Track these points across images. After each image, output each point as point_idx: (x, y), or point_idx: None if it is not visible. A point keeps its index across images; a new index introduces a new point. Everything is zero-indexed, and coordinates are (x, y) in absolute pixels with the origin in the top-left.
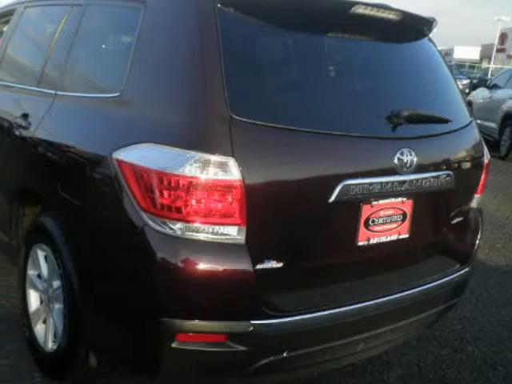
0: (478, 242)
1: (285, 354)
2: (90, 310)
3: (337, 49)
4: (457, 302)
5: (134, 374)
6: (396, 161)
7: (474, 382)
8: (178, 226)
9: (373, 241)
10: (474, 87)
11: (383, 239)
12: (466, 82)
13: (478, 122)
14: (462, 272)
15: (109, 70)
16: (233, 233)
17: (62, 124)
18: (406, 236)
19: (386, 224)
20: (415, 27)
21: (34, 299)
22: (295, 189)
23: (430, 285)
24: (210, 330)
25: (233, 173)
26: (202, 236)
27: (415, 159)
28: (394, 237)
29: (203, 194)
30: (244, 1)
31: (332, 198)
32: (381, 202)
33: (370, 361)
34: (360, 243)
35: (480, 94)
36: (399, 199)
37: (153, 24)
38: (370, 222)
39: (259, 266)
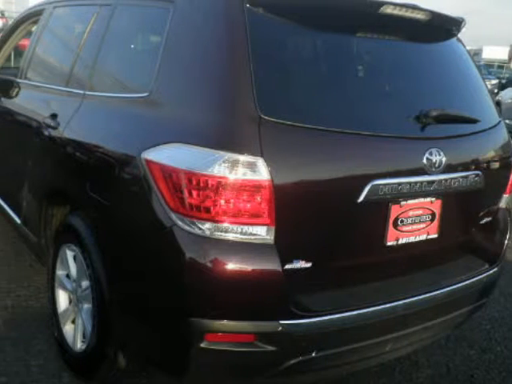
0: (506, 241)
1: (313, 354)
2: (119, 310)
3: (365, 49)
4: (485, 302)
5: (163, 374)
6: (425, 161)
7: (503, 383)
8: (207, 225)
9: (401, 241)
10: (502, 87)
11: (412, 239)
12: (494, 81)
13: (507, 121)
14: (491, 272)
15: (138, 70)
16: (262, 233)
17: (91, 124)
18: (435, 236)
19: (414, 224)
20: (444, 27)
21: (62, 299)
22: (324, 189)
23: (459, 285)
24: (239, 329)
25: (261, 173)
26: (230, 236)
27: (444, 159)
28: (423, 237)
29: (232, 193)
30: (272, 1)
31: (361, 198)
32: (409, 201)
33: (398, 361)
34: (389, 243)
35: (508, 94)
36: (428, 199)
37: (181, 24)
38: (399, 222)
39: (288, 266)
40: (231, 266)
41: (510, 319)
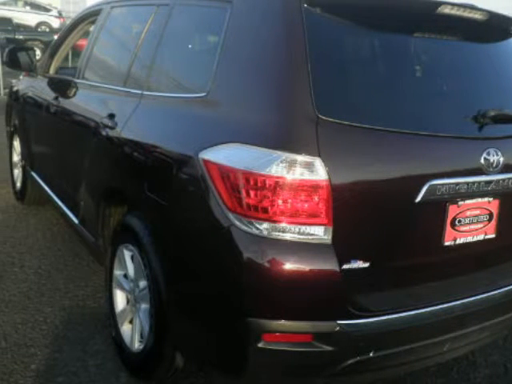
0: None
1: (371, 354)
2: (176, 310)
3: (422, 49)
4: None
5: (220, 374)
6: (482, 161)
7: None
8: (265, 225)
9: (459, 241)
10: None
11: (469, 239)
12: None
13: None
14: None
15: (195, 70)
16: (319, 233)
17: (149, 124)
18: (493, 236)
19: (472, 224)
20: (501, 27)
21: (120, 299)
22: (381, 189)
23: None
24: (297, 330)
25: (319, 173)
26: (288, 236)
27: (501, 159)
28: (481, 237)
29: (289, 193)
30: (330, 1)
31: (418, 198)
32: (467, 201)
33: (456, 361)
34: (446, 243)
35: None
36: (485, 199)
37: (239, 24)
38: (457, 222)
39: (345, 266)
40: (289, 266)
41: None
